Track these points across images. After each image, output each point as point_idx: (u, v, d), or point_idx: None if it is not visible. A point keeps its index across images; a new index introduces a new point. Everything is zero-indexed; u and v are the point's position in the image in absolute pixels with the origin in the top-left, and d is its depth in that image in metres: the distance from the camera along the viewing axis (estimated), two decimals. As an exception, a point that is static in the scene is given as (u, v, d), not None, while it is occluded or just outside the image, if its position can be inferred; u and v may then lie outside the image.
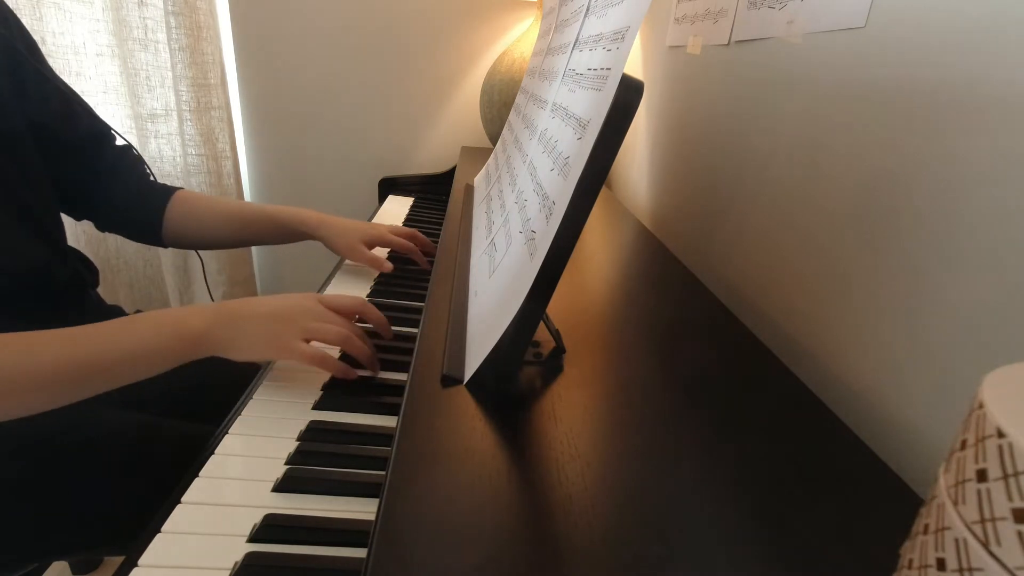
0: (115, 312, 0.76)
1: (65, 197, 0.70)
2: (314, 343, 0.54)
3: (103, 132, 0.73)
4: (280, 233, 0.82)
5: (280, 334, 0.53)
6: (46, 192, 0.64)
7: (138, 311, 0.81)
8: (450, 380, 0.41)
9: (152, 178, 0.79)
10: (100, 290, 0.76)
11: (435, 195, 1.41)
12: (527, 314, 0.39)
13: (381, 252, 0.89)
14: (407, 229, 0.88)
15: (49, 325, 0.48)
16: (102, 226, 0.78)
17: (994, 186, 0.38)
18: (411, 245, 0.86)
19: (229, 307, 0.54)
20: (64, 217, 0.69)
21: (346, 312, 0.58)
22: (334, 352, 0.56)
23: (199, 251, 0.88)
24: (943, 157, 0.42)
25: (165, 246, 0.79)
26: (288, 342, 0.53)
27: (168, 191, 0.78)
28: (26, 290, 0.60)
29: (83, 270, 0.70)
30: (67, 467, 0.55)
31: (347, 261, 0.88)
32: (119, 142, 0.76)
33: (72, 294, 0.67)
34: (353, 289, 0.80)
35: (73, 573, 1.09)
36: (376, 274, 0.85)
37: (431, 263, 0.89)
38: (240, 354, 0.53)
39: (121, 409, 0.65)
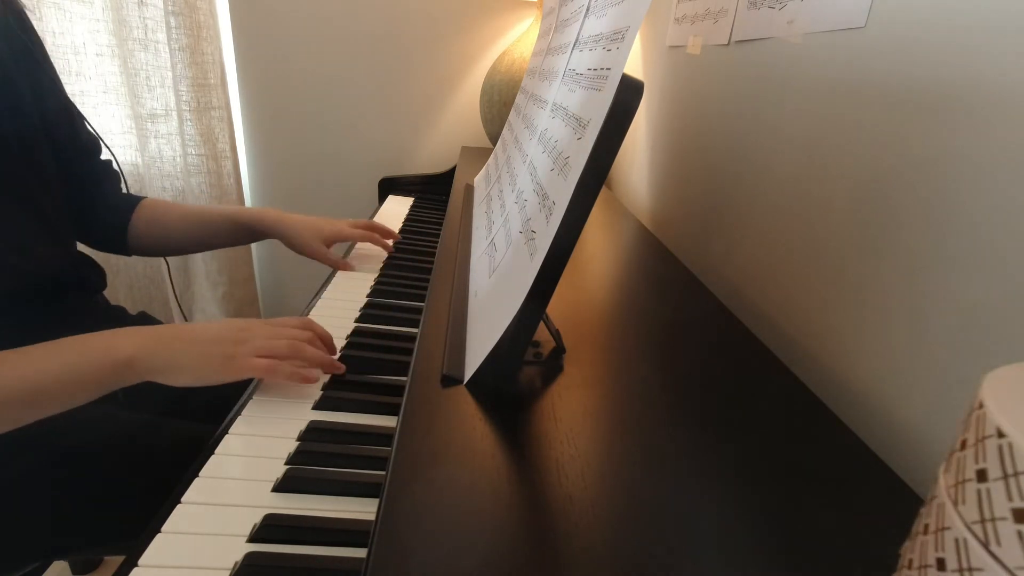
0: (118, 313, 0.76)
1: None
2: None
3: (95, 144, 0.74)
4: (241, 233, 0.81)
5: (230, 354, 0.52)
6: (59, 196, 0.64)
7: (142, 312, 0.81)
8: (450, 380, 0.41)
9: (126, 190, 0.79)
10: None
11: (435, 195, 1.41)
12: (527, 314, 0.39)
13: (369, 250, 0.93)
14: (365, 221, 0.90)
15: (56, 328, 0.47)
16: None
17: (994, 186, 0.38)
18: (370, 235, 0.87)
19: (166, 330, 0.52)
20: None
21: (293, 327, 0.57)
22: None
23: (167, 257, 0.88)
24: (943, 157, 0.42)
25: (129, 254, 0.78)
26: (241, 361, 0.51)
27: (134, 200, 0.77)
28: (35, 293, 0.60)
29: (91, 274, 0.70)
30: (67, 468, 0.55)
31: (347, 260, 0.89)
32: (104, 156, 0.76)
33: (80, 298, 0.67)
34: (354, 289, 0.80)
35: (73, 573, 1.09)
36: (377, 274, 0.85)
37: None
38: (180, 378, 0.51)
39: (121, 409, 0.65)
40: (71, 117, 0.69)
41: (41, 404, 0.46)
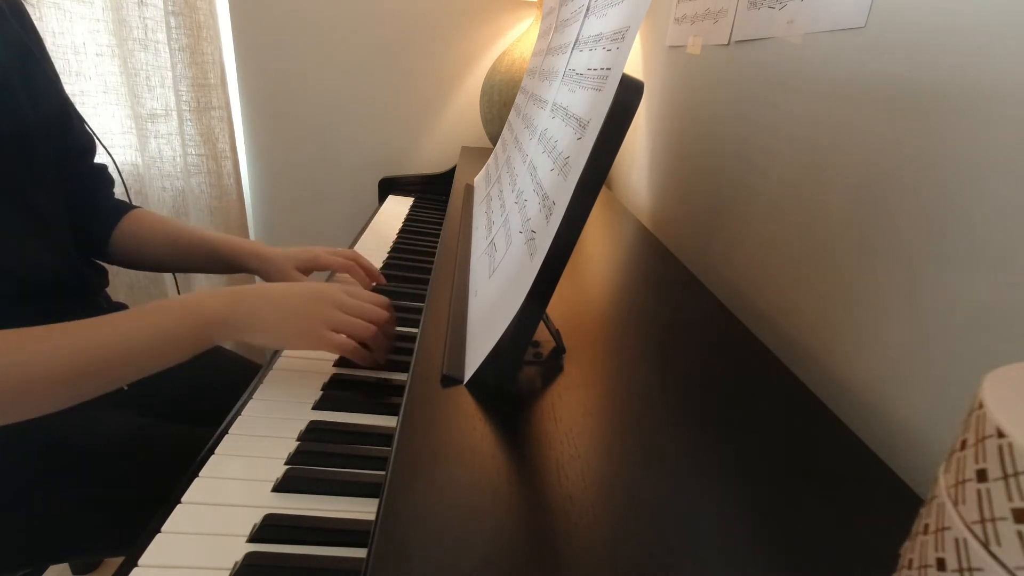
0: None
1: None
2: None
3: (89, 144, 0.72)
4: (217, 263, 0.77)
5: (311, 325, 0.53)
6: (57, 196, 0.63)
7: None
8: (450, 380, 0.41)
9: (127, 198, 0.78)
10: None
11: (435, 195, 1.41)
12: (527, 314, 0.39)
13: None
14: (345, 251, 0.81)
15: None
16: None
17: (994, 186, 0.38)
18: (348, 264, 0.78)
19: (252, 290, 0.53)
20: None
21: (370, 302, 0.58)
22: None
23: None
24: (943, 157, 0.42)
25: (111, 263, 0.76)
26: (319, 332, 0.52)
27: (123, 209, 0.75)
28: (33, 295, 0.59)
29: (91, 275, 0.69)
30: (67, 469, 0.55)
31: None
32: (100, 159, 0.74)
33: (81, 298, 0.66)
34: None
35: (73, 573, 1.09)
36: (377, 273, 0.85)
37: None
38: (263, 338, 0.52)
39: (121, 411, 0.65)
40: (67, 117, 0.68)
41: (139, 364, 0.48)
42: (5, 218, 0.56)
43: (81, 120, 0.71)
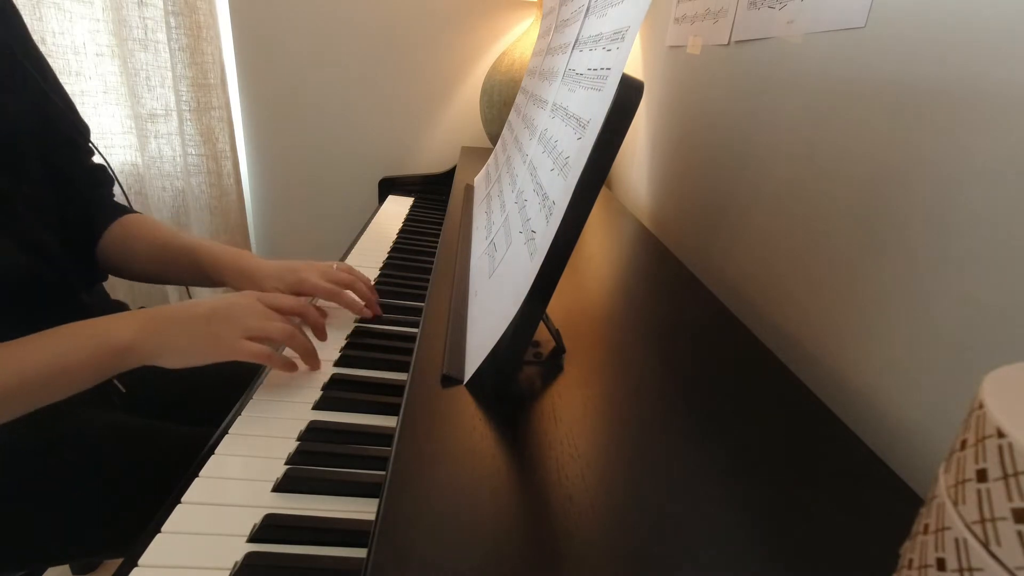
0: (118, 308, 0.74)
1: None
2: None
3: (79, 140, 0.69)
4: (199, 276, 0.71)
5: (221, 335, 0.51)
6: (40, 194, 0.60)
7: (142, 308, 0.79)
8: (450, 380, 0.41)
9: (126, 198, 0.75)
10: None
11: (435, 195, 1.41)
12: (527, 314, 0.39)
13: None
14: (338, 272, 0.70)
15: (39, 327, 0.47)
16: None
17: (994, 185, 0.38)
18: (334, 291, 0.67)
19: (160, 312, 0.51)
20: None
21: (287, 311, 0.58)
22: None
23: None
24: (943, 156, 0.42)
25: (102, 268, 0.71)
26: (231, 342, 0.51)
27: (117, 212, 0.71)
28: (14, 298, 0.56)
29: (72, 271, 0.64)
30: (67, 470, 0.55)
31: (347, 262, 0.88)
32: (97, 159, 0.71)
33: (60, 297, 0.63)
34: (353, 289, 0.80)
35: (73, 573, 1.09)
36: (376, 274, 0.85)
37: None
38: (174, 361, 0.50)
39: (120, 411, 0.65)
40: (57, 110, 0.64)
41: (36, 393, 0.46)
42: None
43: (76, 119, 0.68)
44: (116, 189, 0.77)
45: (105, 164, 0.73)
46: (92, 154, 0.71)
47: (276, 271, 0.69)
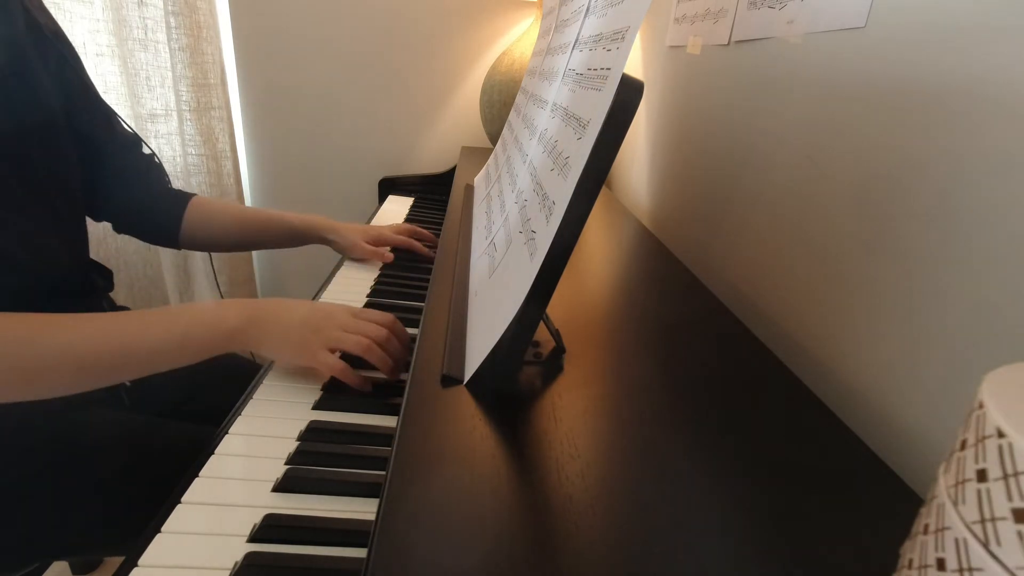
0: None
1: (93, 199, 0.71)
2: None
3: (134, 140, 0.76)
4: (293, 238, 0.87)
5: (307, 342, 0.54)
6: (77, 199, 0.64)
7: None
8: (450, 380, 0.41)
9: (170, 185, 0.82)
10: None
11: (435, 195, 1.41)
12: (527, 314, 0.39)
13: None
14: (407, 226, 0.97)
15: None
16: (120, 228, 0.80)
17: (994, 186, 0.38)
18: (409, 241, 0.94)
19: (263, 305, 0.55)
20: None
21: (377, 323, 0.59)
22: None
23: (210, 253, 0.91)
24: (943, 156, 0.42)
25: (179, 248, 0.83)
26: (314, 352, 0.54)
27: (185, 198, 0.81)
28: (41, 293, 0.59)
29: (98, 278, 0.69)
30: (67, 469, 0.55)
31: (346, 262, 0.89)
32: (145, 151, 0.78)
33: (87, 300, 0.66)
34: (352, 288, 0.80)
35: (73, 573, 1.09)
36: (376, 274, 0.85)
37: (434, 249, 0.93)
38: (268, 354, 0.55)
39: (121, 411, 0.65)
40: (107, 116, 0.71)
41: (150, 363, 0.50)
42: (26, 211, 0.56)
43: (120, 120, 0.74)
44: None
45: (153, 152, 0.79)
46: (143, 148, 0.77)
47: (358, 228, 0.90)
